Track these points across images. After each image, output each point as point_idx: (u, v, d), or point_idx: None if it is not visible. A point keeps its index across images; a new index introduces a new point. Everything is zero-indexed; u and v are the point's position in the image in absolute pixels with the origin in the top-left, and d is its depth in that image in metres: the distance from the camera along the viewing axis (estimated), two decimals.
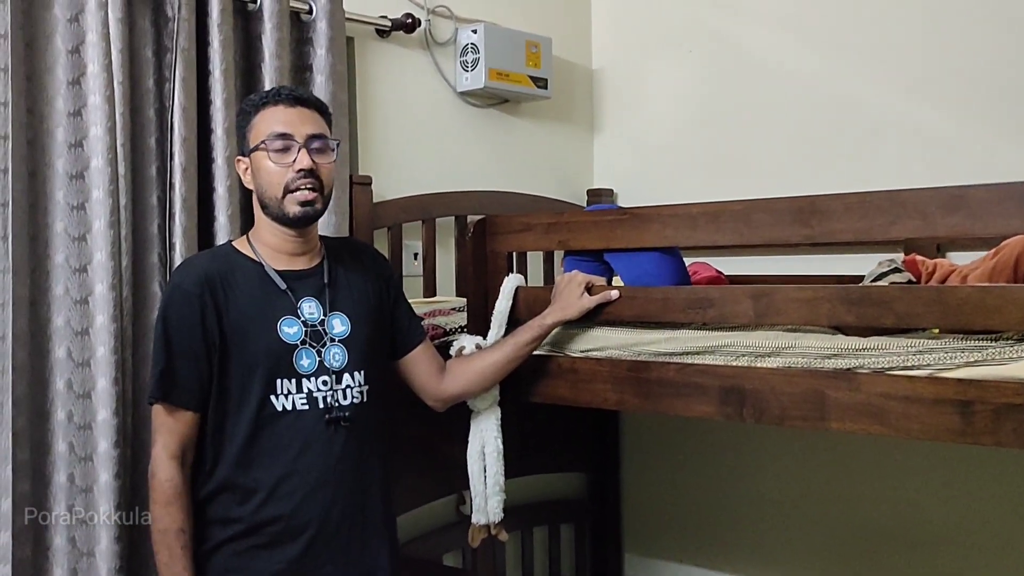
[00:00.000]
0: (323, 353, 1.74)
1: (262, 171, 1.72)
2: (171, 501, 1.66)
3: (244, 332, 1.69)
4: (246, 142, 1.75)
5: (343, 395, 1.75)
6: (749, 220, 1.76)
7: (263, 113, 1.73)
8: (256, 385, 1.69)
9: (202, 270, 1.70)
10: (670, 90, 3.02)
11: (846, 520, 2.67)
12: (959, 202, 1.52)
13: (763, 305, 1.74)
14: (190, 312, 1.67)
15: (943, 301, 1.54)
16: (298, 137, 1.71)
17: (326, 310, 1.76)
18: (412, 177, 2.63)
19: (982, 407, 1.49)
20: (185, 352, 1.67)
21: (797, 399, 1.69)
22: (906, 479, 2.55)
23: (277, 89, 1.78)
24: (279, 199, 1.71)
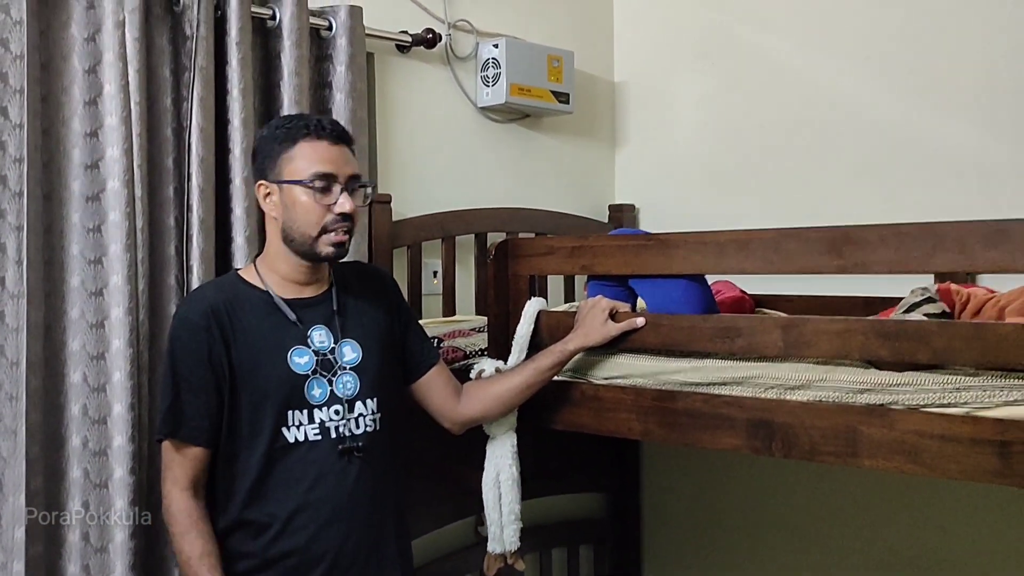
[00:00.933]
0: (334, 382, 1.71)
1: (298, 207, 1.66)
2: (189, 530, 1.64)
3: (253, 364, 1.66)
4: (277, 170, 1.68)
5: (356, 424, 1.72)
6: (779, 249, 1.71)
7: (304, 146, 1.66)
8: (267, 418, 1.66)
9: (208, 302, 1.67)
10: (693, 103, 2.98)
11: (869, 548, 2.62)
12: (1001, 236, 1.46)
13: (793, 336, 1.69)
14: (197, 346, 1.63)
15: (982, 338, 1.49)
16: (341, 178, 1.67)
17: (336, 338, 1.73)
18: (432, 194, 2.60)
19: (1022, 448, 1.44)
20: (193, 387, 1.64)
21: (828, 434, 1.64)
22: (932, 508, 2.50)
23: (319, 121, 1.69)
24: (313, 238, 1.67)
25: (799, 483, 2.75)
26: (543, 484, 2.69)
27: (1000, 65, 2.37)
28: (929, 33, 2.49)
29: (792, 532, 2.77)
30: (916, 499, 2.52)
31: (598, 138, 3.10)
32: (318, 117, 1.71)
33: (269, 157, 1.69)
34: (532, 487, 2.25)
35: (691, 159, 2.98)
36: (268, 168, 1.69)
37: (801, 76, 2.72)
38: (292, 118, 1.73)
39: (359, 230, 2.29)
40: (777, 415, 1.70)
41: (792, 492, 2.77)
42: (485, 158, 2.79)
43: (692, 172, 2.98)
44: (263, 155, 1.70)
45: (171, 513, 1.65)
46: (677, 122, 3.01)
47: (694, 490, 2.99)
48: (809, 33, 2.71)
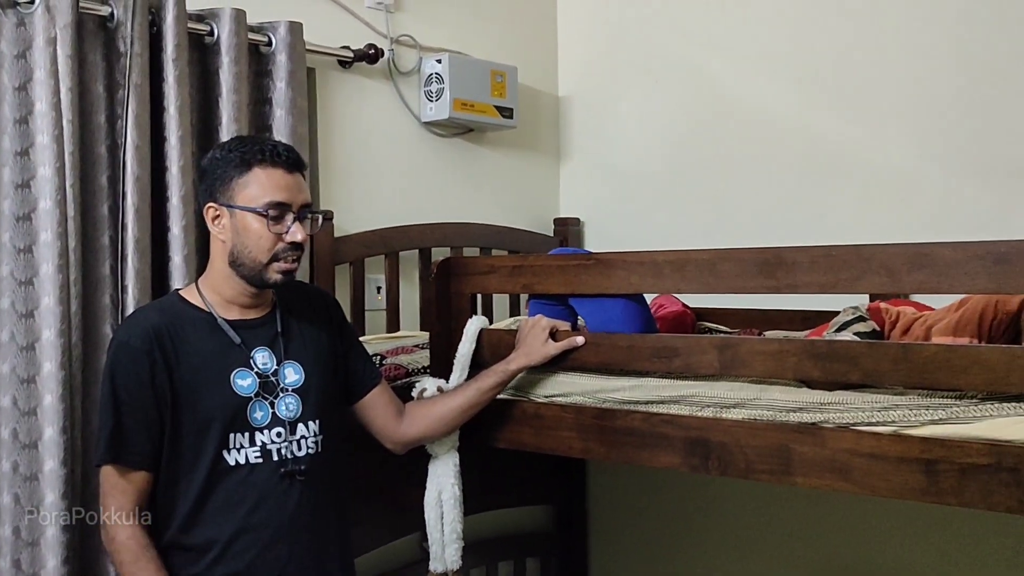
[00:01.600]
0: (276, 404, 1.69)
1: (250, 234, 1.64)
2: (139, 557, 1.60)
3: (196, 387, 1.64)
4: (229, 194, 1.64)
5: (297, 446, 1.70)
6: (715, 270, 1.73)
7: (259, 172, 1.63)
8: (210, 441, 1.64)
9: (149, 324, 1.64)
10: (637, 119, 3.00)
11: (812, 556, 2.66)
12: (925, 259, 1.50)
13: (728, 356, 1.71)
14: (138, 370, 1.60)
15: (909, 359, 1.52)
16: (294, 207, 1.65)
17: (279, 359, 1.72)
18: (375, 210, 2.60)
19: (947, 466, 1.47)
20: (135, 412, 1.61)
21: (763, 453, 1.67)
22: (871, 518, 2.55)
23: (275, 147, 1.66)
24: (263, 264, 1.65)
25: (741, 494, 2.78)
26: (490, 498, 2.69)
27: (932, 85, 2.43)
28: (864, 55, 2.54)
29: (735, 542, 2.81)
30: (854, 510, 2.57)
31: (543, 152, 3.12)
32: (274, 143, 1.69)
33: (221, 180, 1.65)
34: (479, 501, 2.25)
35: (635, 174, 3.01)
36: (219, 190, 1.66)
37: (741, 95, 2.76)
38: (247, 141, 1.69)
39: None
40: (713, 434, 1.73)
41: (735, 503, 2.80)
42: (429, 173, 2.78)
43: (636, 186, 3.01)
44: (214, 177, 1.67)
45: (118, 542, 1.61)
46: (621, 137, 3.04)
47: (639, 501, 3.02)
48: (749, 54, 2.75)
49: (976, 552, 2.38)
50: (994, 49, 2.34)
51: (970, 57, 2.37)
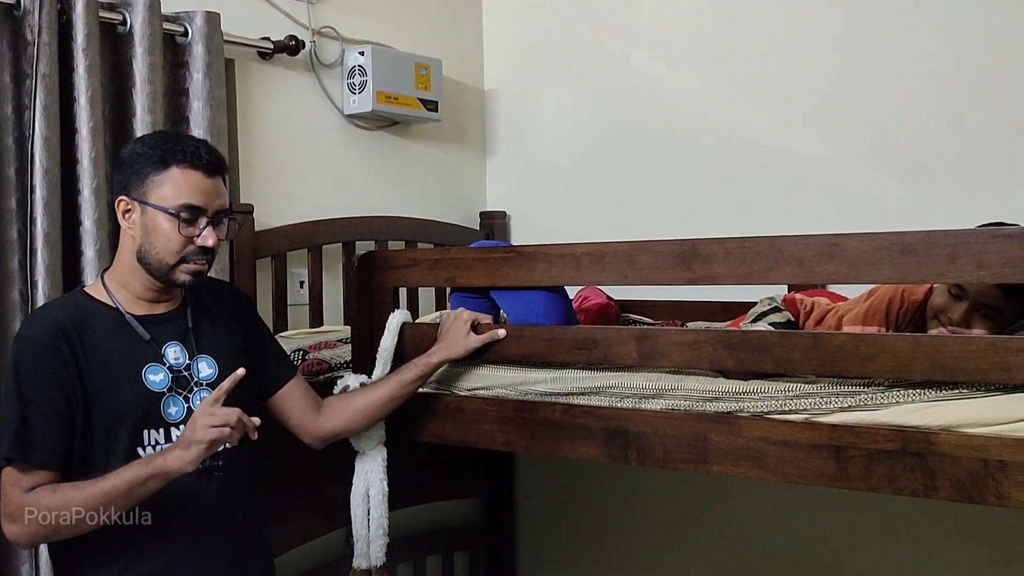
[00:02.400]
0: (191, 399, 1.66)
1: (159, 234, 1.59)
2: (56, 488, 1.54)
3: (107, 384, 1.59)
4: (142, 189, 1.60)
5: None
6: (633, 262, 1.75)
7: (176, 172, 1.59)
8: (122, 439, 1.60)
9: (54, 320, 1.59)
10: (562, 113, 3.02)
11: (735, 542, 2.71)
12: (834, 251, 1.53)
13: (647, 347, 1.73)
14: (45, 366, 1.55)
15: (819, 348, 1.56)
16: (209, 211, 1.61)
17: (192, 354, 1.68)
18: (298, 204, 2.56)
19: (855, 452, 1.51)
20: (42, 409, 1.55)
21: (680, 442, 1.69)
22: (791, 504, 2.61)
23: (196, 148, 1.62)
24: (170, 266, 1.61)
25: (666, 485, 2.82)
26: (417, 492, 2.69)
27: (852, 79, 2.49)
28: (786, 49, 2.59)
29: (661, 531, 2.85)
30: (772, 496, 2.62)
31: (469, 145, 3.11)
32: (196, 143, 1.64)
33: (136, 175, 1.61)
34: (406, 495, 2.24)
35: (561, 167, 3.02)
36: (133, 185, 1.61)
37: (664, 89, 2.80)
38: (169, 138, 1.65)
39: None
40: (632, 424, 1.74)
41: (659, 493, 2.84)
42: (353, 166, 2.76)
43: (561, 180, 3.02)
44: (129, 170, 1.62)
45: (28, 503, 1.52)
46: (547, 131, 3.05)
47: (566, 493, 3.04)
48: (672, 48, 2.78)
49: (892, 532, 2.45)
50: (915, 42, 2.40)
51: (890, 50, 2.43)
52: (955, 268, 1.43)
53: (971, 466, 1.42)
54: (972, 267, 1.42)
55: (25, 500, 1.53)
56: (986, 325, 1.62)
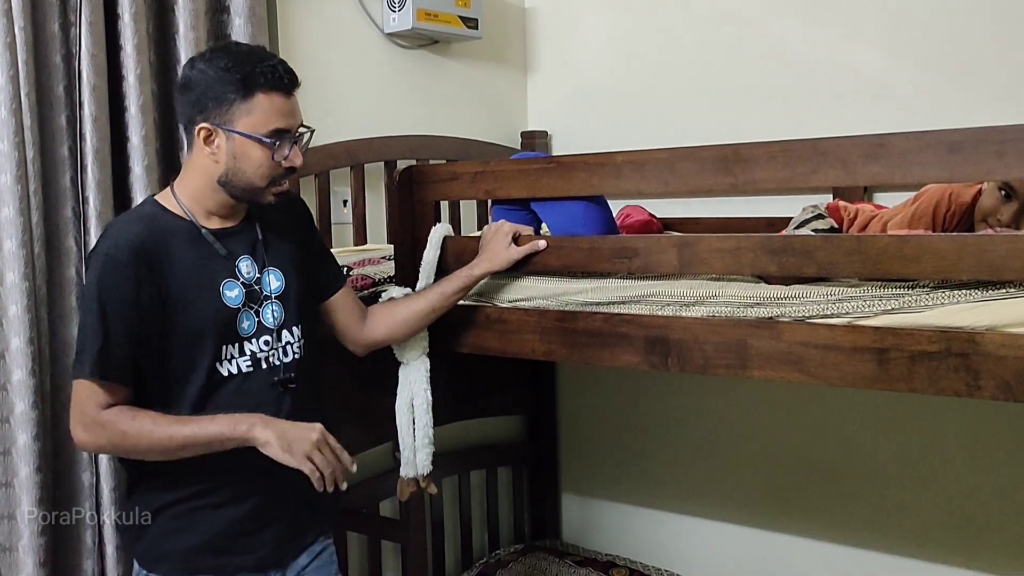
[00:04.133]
0: (261, 312, 1.68)
1: (250, 161, 1.60)
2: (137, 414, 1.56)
3: (186, 301, 1.61)
4: (227, 117, 1.58)
5: (283, 352, 1.70)
6: (673, 169, 1.74)
7: (262, 99, 1.58)
8: (203, 354, 1.62)
9: (135, 237, 1.58)
10: (604, 30, 2.97)
11: (775, 456, 2.73)
12: (880, 151, 1.51)
13: (687, 255, 1.73)
14: (127, 286, 1.56)
15: (862, 251, 1.54)
16: (293, 131, 1.63)
17: (261, 267, 1.70)
18: (339, 123, 2.56)
19: (898, 354, 1.51)
20: (122, 328, 1.56)
21: (720, 348, 1.70)
22: (831, 416, 2.61)
23: (274, 68, 1.59)
24: (259, 189, 1.63)
25: (710, 399, 2.84)
26: (460, 408, 2.73)
27: None
28: None
29: (703, 447, 2.87)
30: (819, 409, 2.63)
31: (509, 64, 3.09)
32: (272, 62, 1.60)
33: (217, 100, 1.58)
34: (449, 411, 2.27)
35: (602, 85, 2.99)
36: (214, 111, 1.59)
37: (709, 2, 2.73)
38: (244, 59, 1.59)
39: None
40: (672, 331, 1.75)
41: (700, 406, 2.86)
42: (394, 85, 2.75)
43: (603, 98, 2.99)
44: (208, 96, 1.58)
45: (102, 434, 1.56)
46: (588, 48, 3.01)
47: (608, 408, 3.07)
48: None
49: (934, 446, 2.45)
50: None
51: None
52: (1004, 165, 1.41)
53: (1016, 365, 1.41)
54: (1021, 163, 1.39)
55: (101, 417, 1.56)
56: None
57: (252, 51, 1.65)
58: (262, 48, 1.66)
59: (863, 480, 2.57)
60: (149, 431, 1.56)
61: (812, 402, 2.62)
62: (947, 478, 2.44)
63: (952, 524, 2.44)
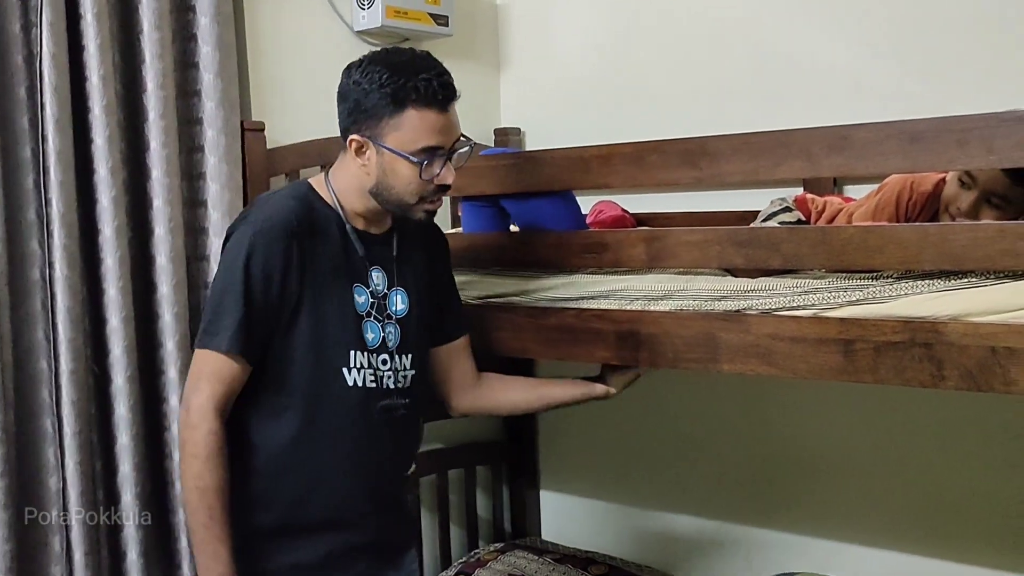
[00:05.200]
0: (384, 328, 1.65)
1: (398, 177, 1.56)
2: (213, 455, 1.51)
3: (324, 292, 1.58)
4: (378, 130, 1.54)
5: (397, 378, 1.66)
6: (641, 162, 1.74)
7: (413, 115, 1.53)
8: (334, 354, 1.59)
9: (291, 215, 1.56)
10: (577, 26, 2.96)
11: (751, 451, 2.73)
12: (843, 142, 1.51)
13: (655, 249, 1.73)
14: (276, 262, 1.53)
15: (827, 242, 1.55)
16: (447, 148, 1.57)
17: (391, 283, 1.67)
18: (310, 121, 2.53)
19: (863, 345, 1.51)
20: (263, 303, 1.53)
21: (690, 342, 1.70)
22: (806, 410, 2.61)
23: (428, 83, 1.53)
24: (409, 205, 1.60)
25: (686, 393, 2.83)
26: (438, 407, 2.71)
27: None
28: None
29: (681, 441, 2.86)
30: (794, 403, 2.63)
31: (481, 61, 3.08)
32: (427, 75, 1.54)
33: (368, 113, 1.55)
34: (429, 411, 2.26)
35: (575, 81, 2.97)
36: (365, 124, 1.56)
37: None
38: (398, 71, 1.53)
39: (232, 160, 2.26)
40: (643, 326, 1.75)
41: (679, 402, 2.85)
42: None
43: (577, 94, 2.98)
44: (360, 108, 1.56)
45: (200, 432, 1.51)
46: (561, 45, 3.00)
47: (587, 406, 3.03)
48: None
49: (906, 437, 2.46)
50: None
51: None
52: (965, 154, 1.42)
53: (979, 354, 1.42)
54: (982, 152, 1.40)
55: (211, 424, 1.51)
56: (995, 215, 1.60)
57: (409, 62, 1.57)
58: (423, 56, 1.59)
59: (837, 472, 2.57)
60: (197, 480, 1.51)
61: (787, 397, 2.62)
62: (919, 468, 2.44)
63: (926, 514, 2.44)
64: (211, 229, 2.25)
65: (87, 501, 2.04)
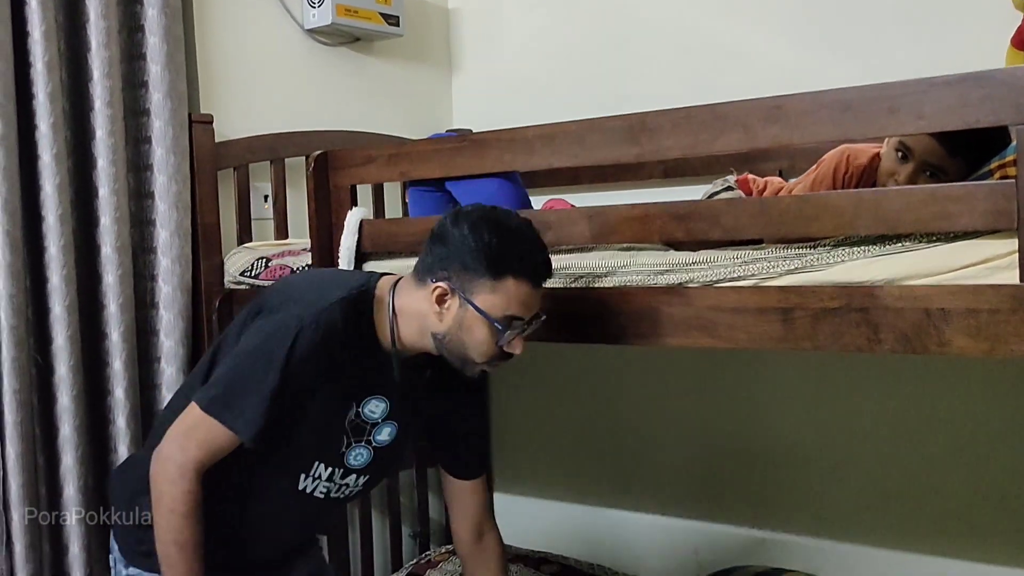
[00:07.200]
0: (353, 449, 1.64)
1: (474, 337, 1.53)
2: (192, 512, 1.50)
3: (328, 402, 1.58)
4: (469, 287, 1.52)
5: (344, 491, 1.68)
6: (583, 141, 1.75)
7: (511, 284, 1.51)
8: (300, 458, 1.61)
9: (343, 321, 1.53)
10: (527, 28, 3.01)
11: (702, 447, 2.75)
12: (777, 112, 1.53)
13: (598, 224, 1.74)
14: (310, 368, 1.51)
15: (766, 212, 1.57)
16: (526, 320, 1.56)
17: (385, 416, 1.64)
18: (259, 116, 2.56)
19: (801, 313, 1.52)
20: (288, 402, 1.52)
21: (633, 318, 1.70)
22: (756, 404, 2.64)
23: (533, 256, 1.55)
24: (472, 363, 1.57)
25: (637, 393, 2.85)
26: None
27: None
28: None
29: (632, 439, 2.87)
30: (744, 397, 2.65)
31: (433, 63, 3.10)
32: (533, 251, 1.56)
33: (465, 267, 1.52)
34: None
35: (527, 84, 3.01)
36: (458, 275, 1.53)
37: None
38: (508, 238, 1.53)
39: (180, 151, 2.25)
40: (586, 305, 1.75)
41: (630, 403, 2.87)
42: (315, 83, 2.75)
43: (528, 97, 3.01)
44: (459, 259, 1.52)
45: (179, 489, 1.50)
46: (512, 46, 3.04)
47: (539, 407, 3.06)
48: None
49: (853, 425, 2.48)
50: None
51: None
52: (895, 120, 1.44)
53: (914, 317, 1.44)
54: (912, 118, 1.42)
55: (188, 478, 1.50)
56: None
57: (520, 234, 1.57)
58: (529, 227, 1.59)
59: (788, 465, 2.59)
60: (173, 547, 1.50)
61: (737, 391, 2.64)
62: (868, 456, 2.47)
63: (878, 503, 2.47)
64: (158, 220, 2.24)
65: (28, 495, 2.00)
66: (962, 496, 2.33)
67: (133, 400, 2.18)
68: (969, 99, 1.36)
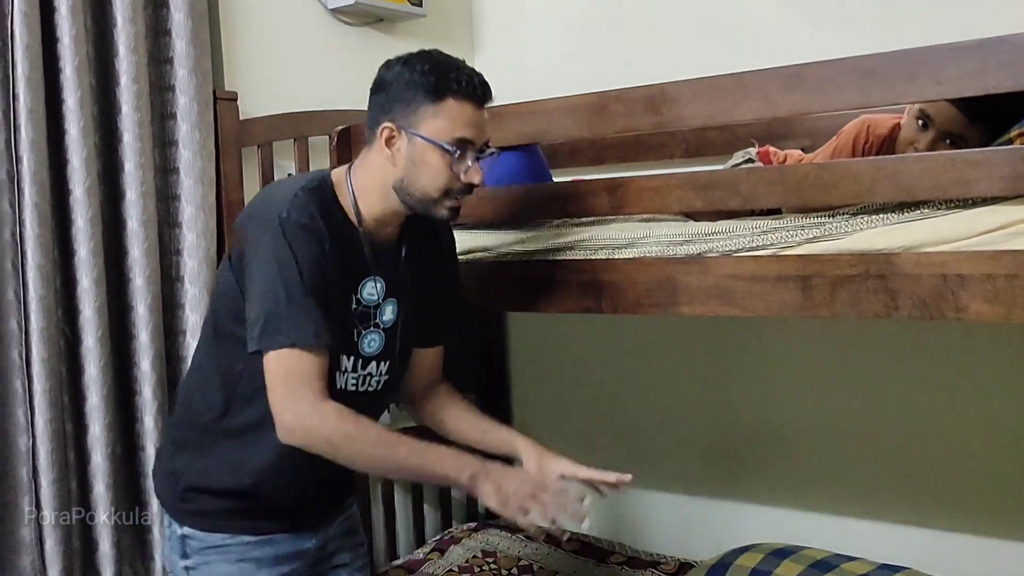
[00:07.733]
0: (363, 336, 1.63)
1: (427, 168, 1.54)
2: (355, 420, 1.49)
3: (332, 289, 1.55)
4: (413, 119, 1.53)
5: (370, 383, 1.67)
6: (603, 111, 1.76)
7: (452, 104, 1.52)
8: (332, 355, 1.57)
9: (314, 206, 1.53)
10: (549, 7, 3.01)
11: (720, 424, 2.75)
12: (797, 80, 1.53)
13: (618, 197, 1.75)
14: (316, 248, 1.51)
15: (784, 180, 1.57)
16: (477, 144, 1.56)
17: (384, 295, 1.64)
18: (284, 95, 2.57)
19: (820, 280, 1.53)
20: (319, 291, 1.51)
21: (651, 287, 1.71)
22: (773, 380, 2.64)
23: (470, 78, 1.54)
24: (433, 200, 1.57)
25: (656, 371, 2.86)
26: None
27: None
28: None
29: (652, 418, 2.88)
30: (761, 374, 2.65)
31: (455, 43, 3.11)
32: (469, 71, 1.56)
33: (405, 102, 1.53)
34: None
35: (549, 64, 3.01)
36: (400, 112, 1.54)
37: None
38: (442, 66, 1.55)
39: (205, 127, 2.28)
40: (604, 274, 1.77)
41: (649, 381, 2.88)
42: (339, 62, 2.76)
43: (551, 77, 3.01)
44: (398, 97, 1.54)
45: (333, 422, 1.49)
46: (534, 25, 3.04)
47: (559, 386, 3.08)
48: None
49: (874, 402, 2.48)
50: None
51: None
52: (916, 87, 1.44)
53: (931, 283, 1.44)
54: (931, 84, 1.42)
55: (325, 406, 1.49)
56: None
57: (451, 59, 1.59)
58: (462, 60, 1.60)
59: (806, 442, 2.59)
60: (374, 442, 1.50)
61: (754, 368, 2.65)
62: (887, 433, 2.46)
63: (895, 480, 2.46)
64: (183, 195, 2.27)
65: (57, 461, 2.04)
66: (983, 472, 2.32)
67: (159, 371, 2.21)
68: (988, 64, 1.36)
